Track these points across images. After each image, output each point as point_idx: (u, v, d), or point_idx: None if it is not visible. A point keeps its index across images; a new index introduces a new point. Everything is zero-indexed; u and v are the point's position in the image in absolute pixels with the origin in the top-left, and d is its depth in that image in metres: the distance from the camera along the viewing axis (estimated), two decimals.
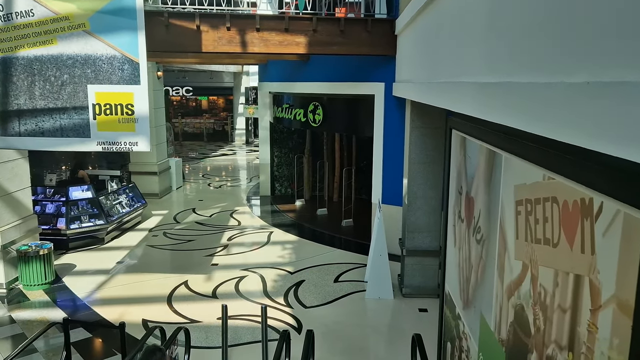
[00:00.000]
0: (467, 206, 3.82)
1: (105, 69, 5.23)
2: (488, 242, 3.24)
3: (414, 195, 7.43)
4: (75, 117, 5.29)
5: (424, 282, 7.60)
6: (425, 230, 7.51)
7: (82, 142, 5.34)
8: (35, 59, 5.18)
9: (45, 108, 5.24)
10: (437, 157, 7.31)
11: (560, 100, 1.94)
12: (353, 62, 9.72)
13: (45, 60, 5.18)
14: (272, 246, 10.14)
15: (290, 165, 14.10)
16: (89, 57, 5.19)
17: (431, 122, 7.23)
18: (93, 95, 5.27)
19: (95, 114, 5.31)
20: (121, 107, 5.31)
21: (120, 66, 5.23)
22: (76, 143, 5.33)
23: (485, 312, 3.27)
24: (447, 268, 4.58)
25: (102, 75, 5.25)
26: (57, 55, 5.18)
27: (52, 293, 7.81)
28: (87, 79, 5.24)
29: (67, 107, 5.25)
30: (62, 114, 5.26)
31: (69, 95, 5.25)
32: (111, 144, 5.35)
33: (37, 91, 5.22)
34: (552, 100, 2.01)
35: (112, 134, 5.34)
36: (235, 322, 6.81)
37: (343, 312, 7.20)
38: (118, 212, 10.58)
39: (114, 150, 5.41)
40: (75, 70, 5.19)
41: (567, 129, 1.87)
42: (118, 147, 5.38)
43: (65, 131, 5.31)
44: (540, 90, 2.14)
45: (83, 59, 5.20)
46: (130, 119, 5.33)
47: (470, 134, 3.66)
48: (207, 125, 28.84)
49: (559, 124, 1.94)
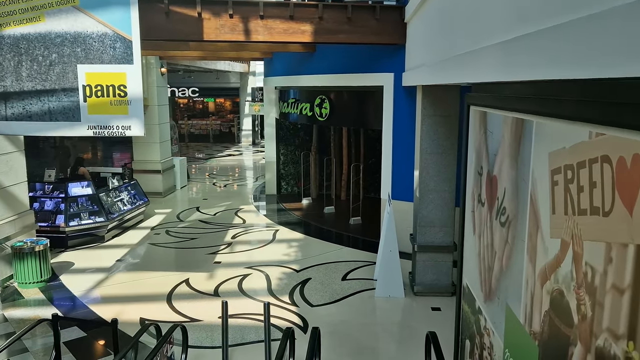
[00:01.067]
0: (488, 187, 3.44)
1: (96, 48, 4.91)
2: (515, 223, 2.86)
3: (425, 188, 7.05)
4: (64, 99, 4.97)
5: (436, 279, 7.20)
6: (438, 225, 7.11)
7: (72, 127, 5.01)
8: (22, 38, 4.87)
9: (33, 90, 4.92)
10: (450, 147, 6.93)
11: (617, 27, 1.57)
12: (361, 52, 9.37)
13: (32, 39, 4.86)
14: (277, 244, 9.78)
15: (296, 163, 13.75)
16: (79, 34, 4.87)
17: (443, 110, 6.85)
18: (83, 76, 4.95)
19: (86, 96, 4.99)
20: (113, 89, 4.98)
21: (112, 44, 4.91)
22: (65, 127, 5.01)
23: (512, 302, 2.89)
24: (465, 259, 4.19)
25: (92, 54, 4.93)
26: (45, 33, 4.86)
27: (47, 291, 7.49)
28: (77, 59, 4.92)
29: (55, 88, 4.93)
30: (50, 96, 4.94)
31: (58, 76, 4.93)
32: (103, 128, 5.02)
33: (25, 72, 4.91)
34: (607, 29, 1.63)
35: (104, 117, 5.01)
36: (237, 321, 6.45)
37: (351, 311, 6.82)
38: (119, 210, 10.27)
39: (105, 135, 5.08)
40: (64, 49, 4.87)
41: (628, 59, 1.50)
42: (110, 131, 5.05)
43: (54, 115, 4.98)
44: (586, 25, 1.77)
45: (72, 36, 4.88)
46: (122, 101, 5.00)
47: (493, 106, 3.29)
48: (214, 127, 28.61)
49: (618, 56, 1.57)
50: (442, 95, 6.80)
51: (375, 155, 13.14)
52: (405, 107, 8.84)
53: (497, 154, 3.26)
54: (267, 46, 9.85)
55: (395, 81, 8.86)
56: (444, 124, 6.88)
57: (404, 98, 8.84)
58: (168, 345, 4.62)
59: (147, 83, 13.17)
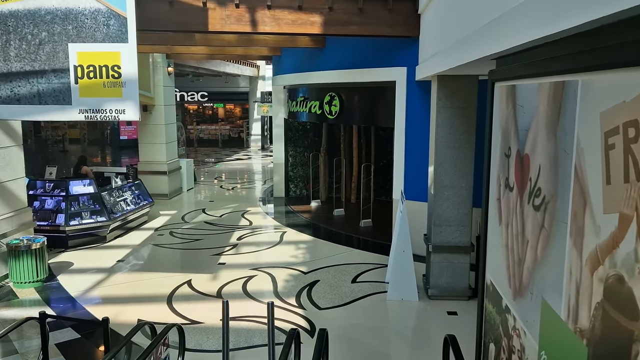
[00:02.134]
0: (518, 169, 3.05)
1: (88, 25, 4.59)
2: (553, 203, 2.47)
3: (441, 184, 6.64)
4: (54, 81, 4.65)
5: (452, 282, 6.77)
6: (454, 224, 6.70)
7: (63, 110, 4.69)
8: (9, 15, 4.57)
9: (21, 71, 4.62)
10: (467, 140, 6.53)
11: None
12: (372, 46, 9.02)
13: (21, 16, 4.56)
14: (284, 246, 9.40)
15: (305, 165, 13.39)
16: (70, 11, 4.56)
17: (461, 101, 6.46)
18: (75, 56, 4.63)
19: (77, 78, 4.67)
20: (106, 69, 4.66)
21: (106, 21, 4.59)
22: (55, 111, 4.69)
23: (549, 297, 2.49)
24: (489, 253, 3.79)
25: (84, 32, 4.62)
26: (35, 10, 4.56)
27: (43, 291, 7.17)
28: (68, 37, 4.60)
29: (45, 69, 4.62)
30: (40, 78, 4.63)
31: (48, 56, 4.62)
32: (95, 112, 4.69)
33: (13, 52, 4.61)
34: None
35: (96, 100, 4.68)
36: (240, 324, 6.07)
37: (361, 314, 6.42)
38: (122, 210, 9.95)
39: (97, 119, 4.75)
40: (54, 26, 4.57)
41: None
42: (103, 115, 4.72)
43: (44, 98, 4.67)
44: None
45: (63, 13, 4.57)
46: (116, 83, 4.67)
47: (525, 75, 2.91)
48: (223, 132, 28.39)
49: None
50: (459, 85, 6.41)
51: (386, 156, 12.76)
52: (419, 103, 8.46)
53: (529, 129, 2.87)
54: (275, 41, 9.53)
55: (408, 76, 8.49)
56: (460, 116, 6.49)
57: (417, 93, 8.47)
58: (162, 347, 4.25)
59: (154, 82, 12.92)
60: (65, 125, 29.62)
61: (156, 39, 9.16)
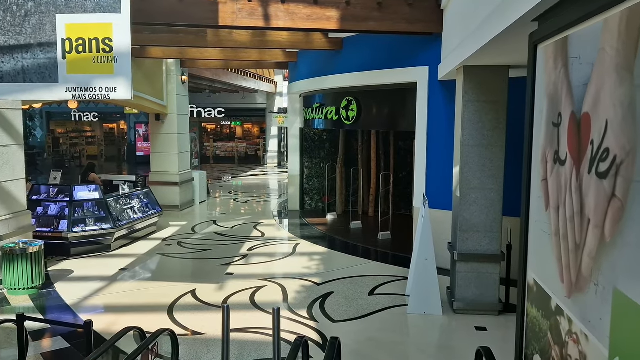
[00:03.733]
0: (573, 135, 2.49)
1: None
2: (630, 162, 1.90)
3: (467, 186, 6.06)
4: (40, 56, 4.25)
5: (480, 295, 6.12)
6: (482, 230, 6.08)
7: (49, 89, 4.28)
8: None
9: (5, 45, 4.22)
10: (497, 138, 5.95)
11: None
12: (392, 45, 8.56)
13: None
14: (297, 257, 8.84)
15: (321, 177, 12.87)
16: None
17: (489, 94, 5.91)
18: (63, 28, 4.22)
19: (65, 52, 4.25)
20: (97, 43, 4.24)
21: None
22: (41, 90, 4.27)
23: (627, 285, 1.91)
24: (532, 247, 3.20)
25: (73, 2, 4.20)
26: None
27: (38, 299, 6.69)
28: (56, 7, 4.20)
29: (31, 43, 4.22)
30: (25, 53, 4.23)
31: (34, 29, 4.22)
32: (83, 90, 4.26)
33: None
34: None
35: (85, 77, 4.25)
36: (245, 336, 5.51)
37: (379, 328, 5.80)
38: (128, 218, 9.52)
39: (86, 98, 4.31)
40: None
41: None
42: (92, 94, 4.28)
43: (29, 75, 4.25)
44: None
45: None
46: (107, 58, 4.24)
47: (584, 17, 2.37)
48: (240, 149, 28.13)
49: None
50: (487, 77, 5.88)
51: (406, 168, 12.20)
52: (442, 104, 7.93)
53: (588, 82, 2.32)
54: (290, 41, 9.11)
55: (430, 75, 7.98)
56: (489, 111, 5.93)
57: (440, 94, 7.94)
58: (150, 355, 3.71)
59: (167, 91, 12.62)
60: (83, 142, 29.72)
61: (167, 40, 8.82)
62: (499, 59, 5.55)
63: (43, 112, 28.41)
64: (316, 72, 10.55)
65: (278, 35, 9.05)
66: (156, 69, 12.14)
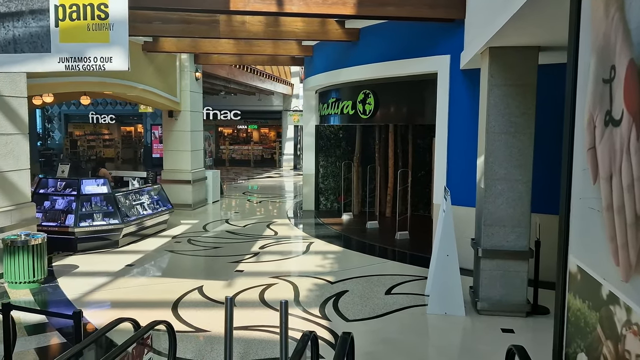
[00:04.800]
0: (631, 87, 2.08)
1: None
2: None
3: (493, 177, 5.62)
4: (32, 24, 3.96)
5: (506, 294, 5.66)
6: (510, 224, 5.63)
7: (41, 59, 3.98)
8: None
9: None
10: (525, 125, 5.51)
11: None
12: (411, 34, 8.17)
13: None
14: (311, 255, 8.45)
15: (337, 176, 12.48)
16: None
17: (517, 77, 5.49)
18: None
19: (58, 19, 3.96)
20: (91, 9, 3.93)
21: None
22: (32, 60, 3.98)
23: None
24: (575, 228, 2.77)
25: None
26: None
27: (39, 294, 6.41)
28: None
29: (22, 10, 3.93)
30: (16, 21, 3.94)
31: None
32: (77, 61, 3.96)
33: None
34: None
35: (79, 47, 3.95)
36: (252, 334, 5.14)
37: (396, 328, 5.38)
38: (137, 214, 9.23)
39: (80, 69, 4.00)
40: None
41: None
42: (86, 64, 3.98)
43: (20, 44, 3.96)
44: None
45: None
46: (103, 25, 3.94)
47: None
48: (255, 152, 27.91)
49: None
50: (515, 59, 5.45)
51: (425, 166, 11.76)
52: (464, 95, 7.51)
53: None
54: (305, 31, 8.76)
55: (451, 64, 7.57)
56: (517, 95, 5.50)
57: (462, 84, 7.52)
58: (144, 348, 3.36)
59: (180, 87, 12.39)
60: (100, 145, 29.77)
61: (179, 30, 8.56)
62: (528, 39, 5.13)
63: (62, 114, 28.57)
64: (332, 65, 10.19)
65: (292, 24, 8.73)
66: (169, 64, 11.92)
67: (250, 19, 8.64)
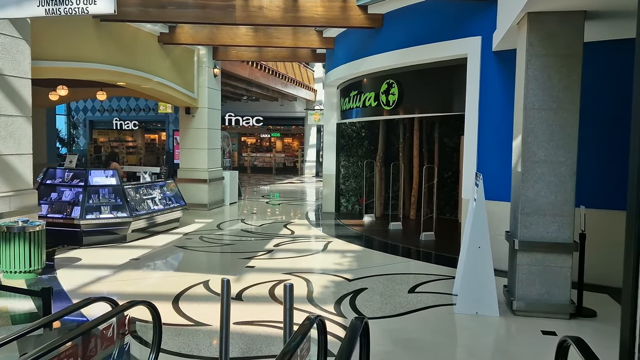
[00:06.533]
0: None
1: None
2: None
3: (531, 159, 4.98)
4: None
5: (547, 292, 4.98)
6: (550, 213, 4.97)
7: (20, 5, 3.57)
8: None
9: None
10: (569, 100, 4.88)
11: None
12: (438, 15, 7.62)
13: None
14: (328, 254, 7.88)
15: (358, 177, 11.90)
16: None
17: (560, 47, 4.87)
18: None
19: None
20: None
21: None
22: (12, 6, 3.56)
23: None
24: None
25: None
26: None
27: (34, 285, 5.97)
28: None
29: None
30: None
31: None
32: (58, 4, 3.52)
33: None
34: None
35: None
36: (257, 329, 4.59)
37: (420, 328, 4.75)
38: (147, 208, 8.80)
39: (62, 13, 3.57)
40: None
41: None
42: (68, 8, 3.53)
43: None
44: None
45: None
46: None
47: None
48: (277, 159, 27.54)
49: None
50: (558, 26, 4.84)
51: (452, 167, 11.11)
52: (496, 80, 6.91)
53: None
54: (325, 17, 8.25)
55: (483, 47, 6.98)
56: (560, 67, 4.88)
57: (495, 68, 6.93)
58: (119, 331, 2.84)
59: (198, 83, 12.04)
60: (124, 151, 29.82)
61: (194, 15, 8.17)
62: (572, 1, 4.53)
63: (87, 120, 28.70)
64: (354, 54, 9.67)
65: (312, 9, 8.26)
66: (187, 59, 11.59)
67: (268, 4, 8.21)
